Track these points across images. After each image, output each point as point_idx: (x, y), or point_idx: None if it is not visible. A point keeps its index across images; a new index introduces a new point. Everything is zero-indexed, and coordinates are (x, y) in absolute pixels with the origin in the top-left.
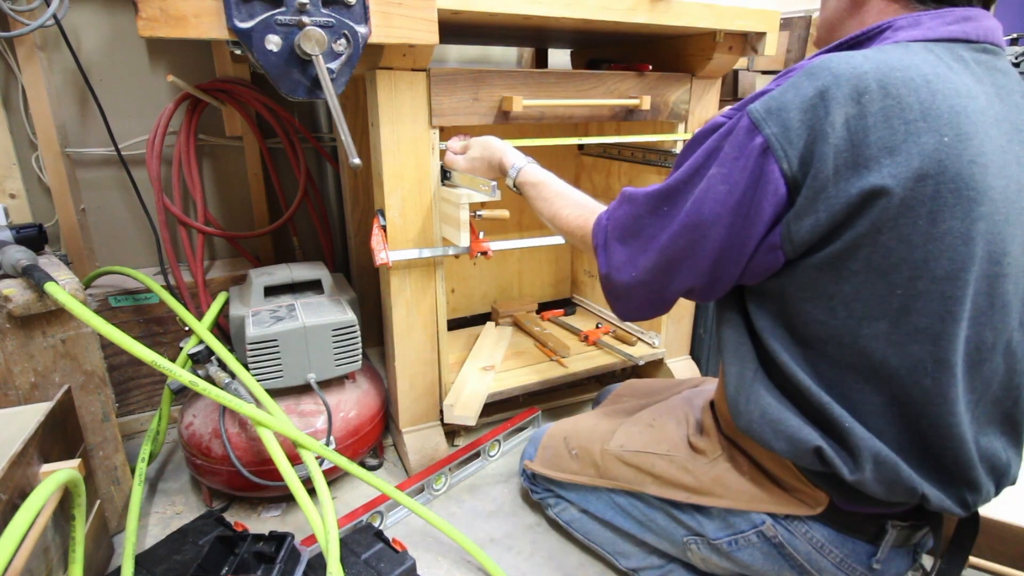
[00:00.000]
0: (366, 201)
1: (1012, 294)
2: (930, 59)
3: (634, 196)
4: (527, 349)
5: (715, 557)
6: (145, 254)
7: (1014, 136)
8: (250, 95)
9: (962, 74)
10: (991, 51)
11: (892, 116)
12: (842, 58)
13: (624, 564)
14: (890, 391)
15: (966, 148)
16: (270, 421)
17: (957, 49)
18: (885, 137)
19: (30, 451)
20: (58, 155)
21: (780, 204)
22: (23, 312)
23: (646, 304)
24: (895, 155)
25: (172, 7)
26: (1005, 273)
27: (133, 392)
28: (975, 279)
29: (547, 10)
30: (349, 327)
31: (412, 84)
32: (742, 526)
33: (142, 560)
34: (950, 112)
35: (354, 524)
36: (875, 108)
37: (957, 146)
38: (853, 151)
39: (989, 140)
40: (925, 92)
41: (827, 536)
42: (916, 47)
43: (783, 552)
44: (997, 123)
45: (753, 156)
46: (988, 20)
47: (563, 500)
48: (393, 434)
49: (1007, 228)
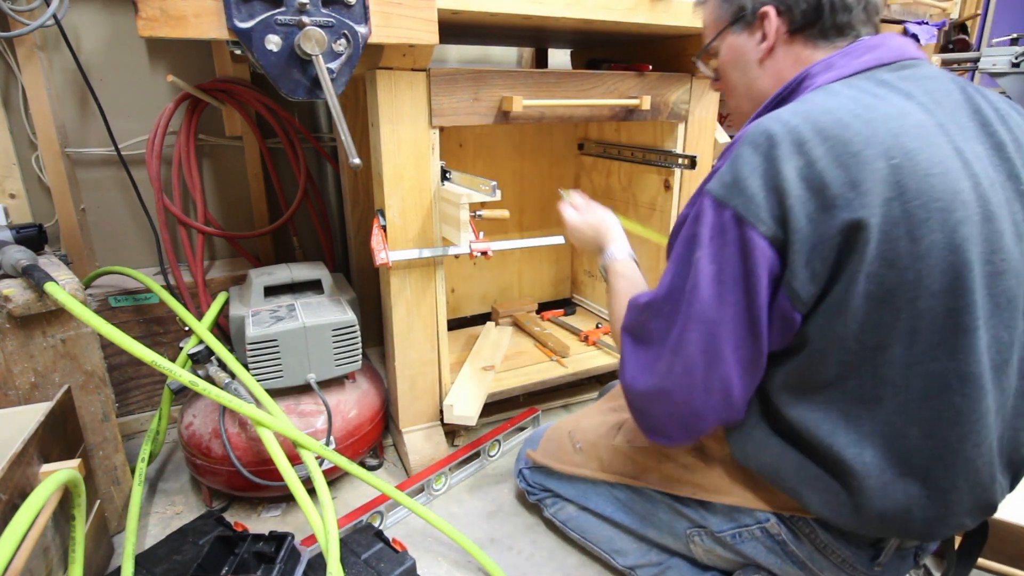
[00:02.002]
0: (366, 201)
1: (1016, 287)
2: (853, 93)
3: (637, 303)
4: (527, 349)
5: (719, 548)
6: (145, 254)
7: (963, 135)
8: (250, 95)
9: (890, 96)
10: (910, 65)
11: (837, 156)
12: (772, 119)
13: (621, 562)
14: (915, 415)
15: (917, 164)
16: (270, 421)
17: (877, 75)
18: (839, 176)
19: (30, 451)
20: (58, 155)
21: (773, 265)
22: (23, 312)
23: (670, 420)
24: (856, 189)
25: (172, 7)
26: (1002, 270)
27: (133, 392)
28: (977, 285)
29: (547, 10)
30: (349, 327)
31: (412, 84)
32: (746, 521)
33: (142, 560)
34: (890, 135)
35: (354, 524)
36: (819, 153)
37: (908, 164)
38: (817, 197)
39: (938, 148)
40: (859, 124)
41: (830, 538)
42: (837, 86)
43: (786, 550)
44: (942, 129)
45: (731, 230)
46: (895, 40)
47: (560, 499)
48: (393, 434)
49: (991, 225)
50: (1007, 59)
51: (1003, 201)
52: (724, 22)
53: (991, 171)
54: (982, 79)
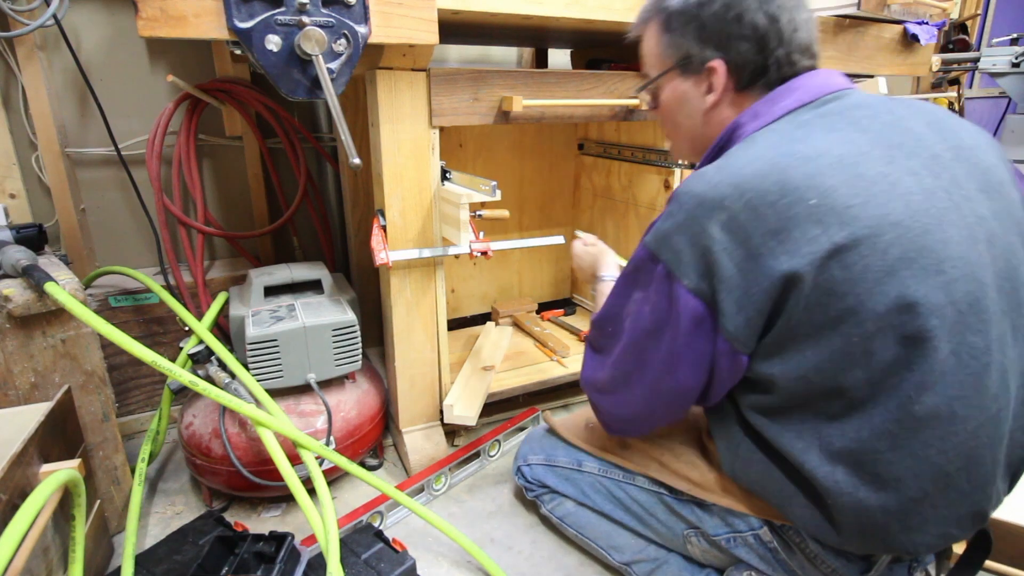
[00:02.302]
0: (366, 201)
1: (977, 290)
2: (773, 139)
3: (592, 320)
4: (527, 349)
5: (714, 550)
6: (145, 254)
7: (891, 155)
8: (250, 95)
9: (810, 137)
10: (833, 98)
11: (758, 207)
12: (697, 178)
13: (617, 559)
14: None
15: (836, 199)
16: (270, 421)
17: (799, 116)
18: (760, 226)
19: (30, 451)
20: (58, 155)
21: (699, 314)
22: (23, 312)
23: (614, 418)
24: (777, 236)
25: (172, 7)
26: (954, 277)
27: (133, 392)
28: (926, 297)
29: (547, 10)
30: (349, 327)
31: (412, 84)
32: (740, 527)
33: (142, 560)
34: (806, 178)
35: (354, 524)
36: (740, 206)
37: (827, 202)
38: (744, 248)
39: (859, 178)
40: (776, 174)
41: (820, 549)
42: (758, 137)
43: (777, 558)
44: (866, 156)
45: (661, 281)
46: (817, 78)
47: (558, 495)
48: (393, 434)
49: (931, 236)
50: (1007, 59)
51: (947, 209)
52: (668, 65)
53: (929, 183)
54: (982, 79)
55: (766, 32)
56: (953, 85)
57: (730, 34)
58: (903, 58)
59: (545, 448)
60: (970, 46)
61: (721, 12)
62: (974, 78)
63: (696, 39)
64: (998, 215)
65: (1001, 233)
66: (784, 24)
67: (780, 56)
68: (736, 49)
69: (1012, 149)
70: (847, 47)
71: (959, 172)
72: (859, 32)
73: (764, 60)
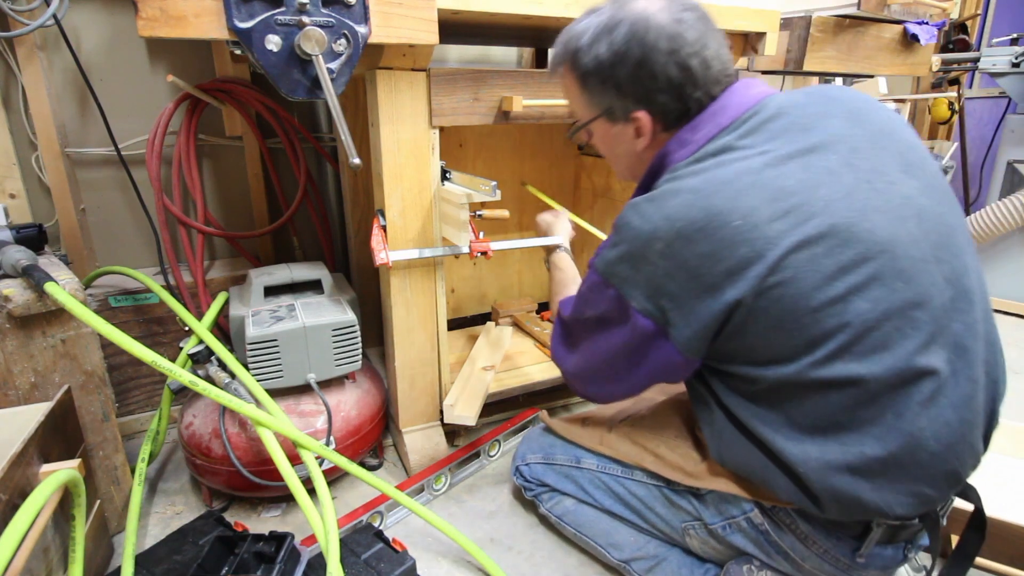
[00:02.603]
0: (366, 201)
1: (911, 267)
2: (695, 168)
3: (562, 311)
4: (527, 349)
5: (712, 541)
6: (145, 254)
7: (808, 159)
8: (250, 95)
9: (728, 161)
10: (753, 112)
11: (689, 234)
12: (633, 210)
13: (617, 556)
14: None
15: (758, 216)
16: (270, 421)
17: (719, 140)
18: (696, 249)
19: (30, 451)
20: (58, 155)
21: (650, 331)
22: (23, 312)
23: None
24: (713, 257)
25: (172, 7)
26: (883, 262)
27: (133, 392)
28: (856, 286)
29: (547, 10)
30: (349, 327)
31: (412, 84)
32: (733, 512)
33: (142, 560)
34: (728, 202)
35: (354, 524)
36: (672, 236)
37: (749, 222)
38: (684, 271)
39: (780, 190)
40: (701, 200)
41: (810, 529)
42: (681, 167)
43: (768, 540)
44: (783, 168)
45: (613, 301)
46: (732, 97)
47: (557, 493)
48: (393, 434)
49: (858, 228)
50: (1007, 59)
51: (869, 200)
52: (594, 114)
53: (849, 179)
54: (982, 79)
55: (681, 82)
56: (953, 85)
57: (647, 88)
58: (903, 58)
59: (543, 447)
60: (970, 46)
61: (634, 71)
62: (974, 78)
63: (616, 95)
64: (924, 191)
65: (930, 206)
66: (696, 68)
67: (699, 96)
68: (655, 100)
69: (1012, 149)
70: (847, 47)
71: (880, 159)
72: (859, 32)
73: (684, 104)
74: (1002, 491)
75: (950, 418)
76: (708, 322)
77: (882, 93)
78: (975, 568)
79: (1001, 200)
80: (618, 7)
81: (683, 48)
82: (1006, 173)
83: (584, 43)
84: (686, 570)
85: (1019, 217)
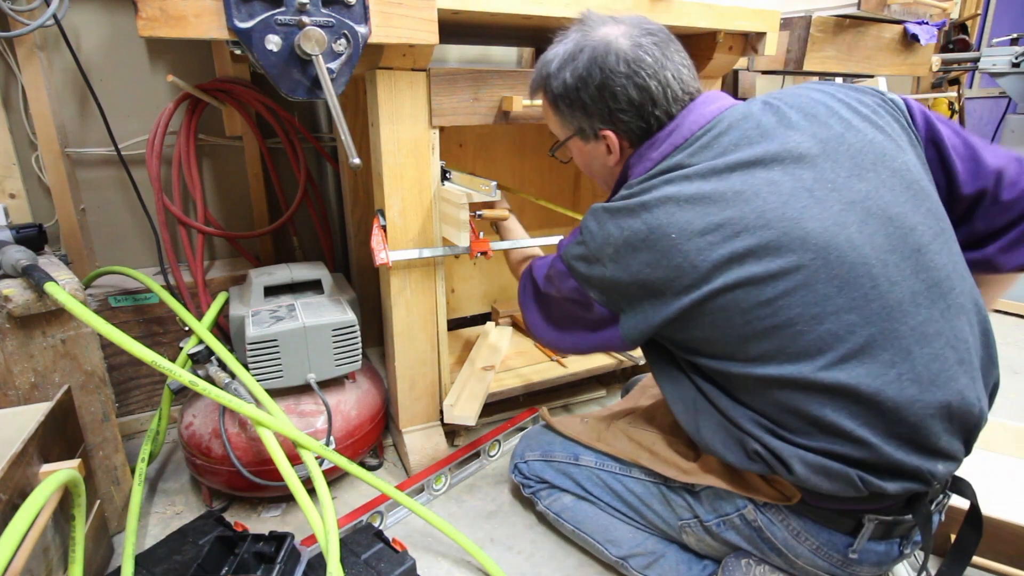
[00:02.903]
0: (366, 201)
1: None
2: (646, 185)
3: (533, 273)
4: (527, 349)
5: (708, 538)
6: (145, 254)
7: (750, 171)
8: (250, 95)
9: (677, 179)
10: (706, 130)
11: (634, 244)
12: (594, 215)
13: (615, 553)
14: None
15: (692, 230)
16: (270, 421)
17: (672, 159)
18: (639, 258)
19: (30, 451)
20: (58, 155)
21: (606, 316)
22: (23, 312)
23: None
24: (654, 266)
25: (172, 7)
26: (818, 265)
27: (133, 392)
28: (791, 294)
29: (547, 10)
30: (349, 327)
31: (412, 84)
32: (727, 509)
33: (142, 560)
34: (666, 216)
35: (354, 524)
36: (620, 243)
37: (685, 232)
38: (627, 275)
39: (718, 203)
40: (644, 213)
41: (803, 525)
42: (635, 182)
43: (762, 536)
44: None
45: (576, 288)
46: (689, 116)
47: (556, 490)
48: (393, 434)
49: (790, 236)
50: (1007, 59)
51: (806, 208)
52: (568, 133)
53: (788, 186)
54: (982, 79)
55: (641, 102)
56: (953, 85)
57: (610, 109)
58: (903, 58)
59: (542, 444)
60: (970, 46)
61: (596, 94)
62: (974, 78)
63: (584, 116)
64: (875, 193)
65: (884, 205)
66: (654, 89)
67: (659, 115)
68: (619, 120)
69: (1012, 149)
70: (847, 47)
71: (825, 166)
72: (859, 32)
73: (647, 123)
74: (1002, 490)
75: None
76: (651, 320)
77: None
78: (975, 568)
79: None
80: (583, 35)
81: (641, 71)
82: None
83: (553, 69)
84: (683, 566)
85: None
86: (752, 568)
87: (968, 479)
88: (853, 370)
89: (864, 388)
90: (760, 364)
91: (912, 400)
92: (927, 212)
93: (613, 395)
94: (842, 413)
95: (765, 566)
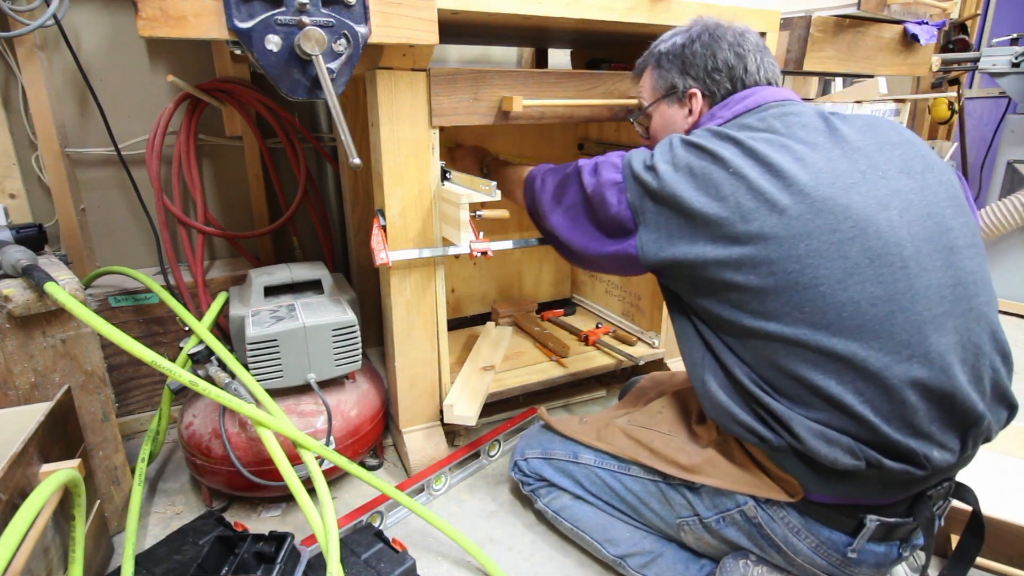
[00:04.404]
0: (366, 201)
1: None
2: (717, 131)
3: (540, 175)
4: (527, 349)
5: (707, 535)
6: (145, 254)
7: (812, 147)
8: (250, 95)
9: (742, 131)
10: (774, 106)
11: (692, 171)
12: (666, 141)
13: (612, 552)
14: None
15: (746, 174)
16: (270, 421)
17: (743, 119)
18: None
19: (30, 451)
20: (58, 155)
21: (627, 220)
22: (23, 312)
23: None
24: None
25: (172, 7)
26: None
27: (133, 392)
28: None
29: (547, 10)
30: (349, 327)
31: (412, 84)
32: (727, 505)
33: (142, 560)
34: (728, 155)
35: (354, 524)
36: (684, 167)
37: (739, 173)
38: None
39: (774, 164)
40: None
41: (804, 523)
42: (705, 129)
43: (762, 532)
44: (785, 149)
45: (613, 186)
46: (764, 92)
47: (555, 488)
48: (393, 434)
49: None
50: (1007, 59)
51: (855, 184)
52: (659, 94)
53: (843, 165)
54: (982, 79)
55: (734, 66)
56: (953, 85)
57: (707, 69)
58: (903, 58)
59: (542, 443)
60: (970, 46)
61: (701, 51)
62: (974, 78)
63: (680, 73)
64: (920, 191)
65: (927, 203)
66: (749, 61)
67: (746, 82)
68: (712, 79)
69: (1012, 149)
70: (847, 47)
71: (879, 160)
72: (859, 32)
73: (732, 86)
74: (1002, 491)
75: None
76: (667, 256)
77: (882, 93)
78: (975, 568)
79: (1001, 200)
80: (695, 20)
81: (744, 44)
82: (1006, 173)
83: (666, 39)
84: (681, 565)
85: (1019, 217)
86: (750, 568)
87: (969, 480)
88: (865, 342)
89: (872, 363)
90: (773, 320)
91: (917, 381)
92: (965, 224)
93: (613, 395)
94: (847, 388)
95: (763, 566)
